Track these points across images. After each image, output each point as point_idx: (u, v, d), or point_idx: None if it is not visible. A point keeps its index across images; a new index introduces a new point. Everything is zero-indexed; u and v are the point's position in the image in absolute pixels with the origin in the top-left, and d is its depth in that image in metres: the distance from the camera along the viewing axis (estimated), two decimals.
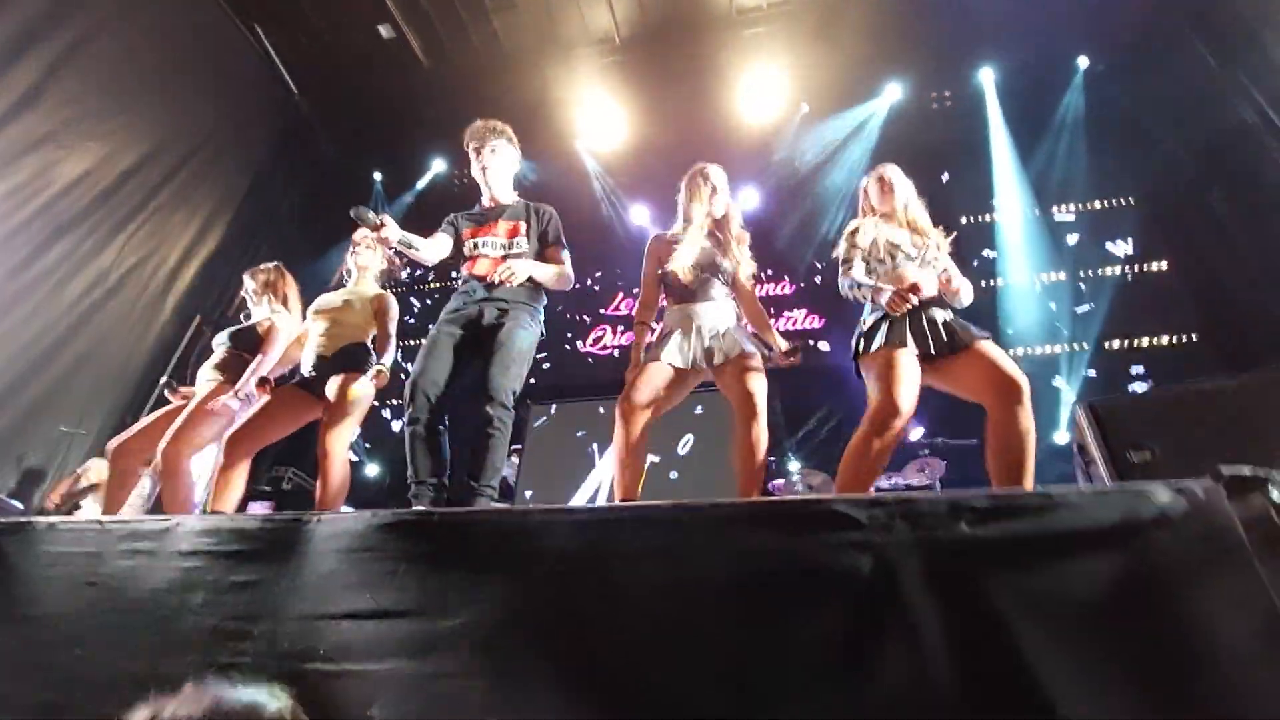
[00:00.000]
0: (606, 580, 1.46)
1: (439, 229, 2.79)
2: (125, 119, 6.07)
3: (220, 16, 6.88)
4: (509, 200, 2.84)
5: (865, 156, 7.43)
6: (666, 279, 2.67)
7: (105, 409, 5.94)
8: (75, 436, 5.49)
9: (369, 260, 3.26)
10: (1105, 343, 6.33)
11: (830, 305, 7.08)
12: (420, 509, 2.13)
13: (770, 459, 6.04)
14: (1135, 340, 6.30)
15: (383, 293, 3.16)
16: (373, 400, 2.90)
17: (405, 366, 2.47)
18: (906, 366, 2.22)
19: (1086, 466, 1.88)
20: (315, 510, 2.59)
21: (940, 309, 2.40)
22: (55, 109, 5.44)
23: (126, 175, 6.12)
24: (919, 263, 2.46)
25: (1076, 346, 6.39)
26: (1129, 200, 6.80)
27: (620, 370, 2.59)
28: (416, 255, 2.61)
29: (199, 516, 1.90)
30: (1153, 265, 6.52)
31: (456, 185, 8.65)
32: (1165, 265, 6.47)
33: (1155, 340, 6.26)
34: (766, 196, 7.92)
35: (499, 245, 2.69)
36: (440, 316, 2.59)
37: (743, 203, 7.72)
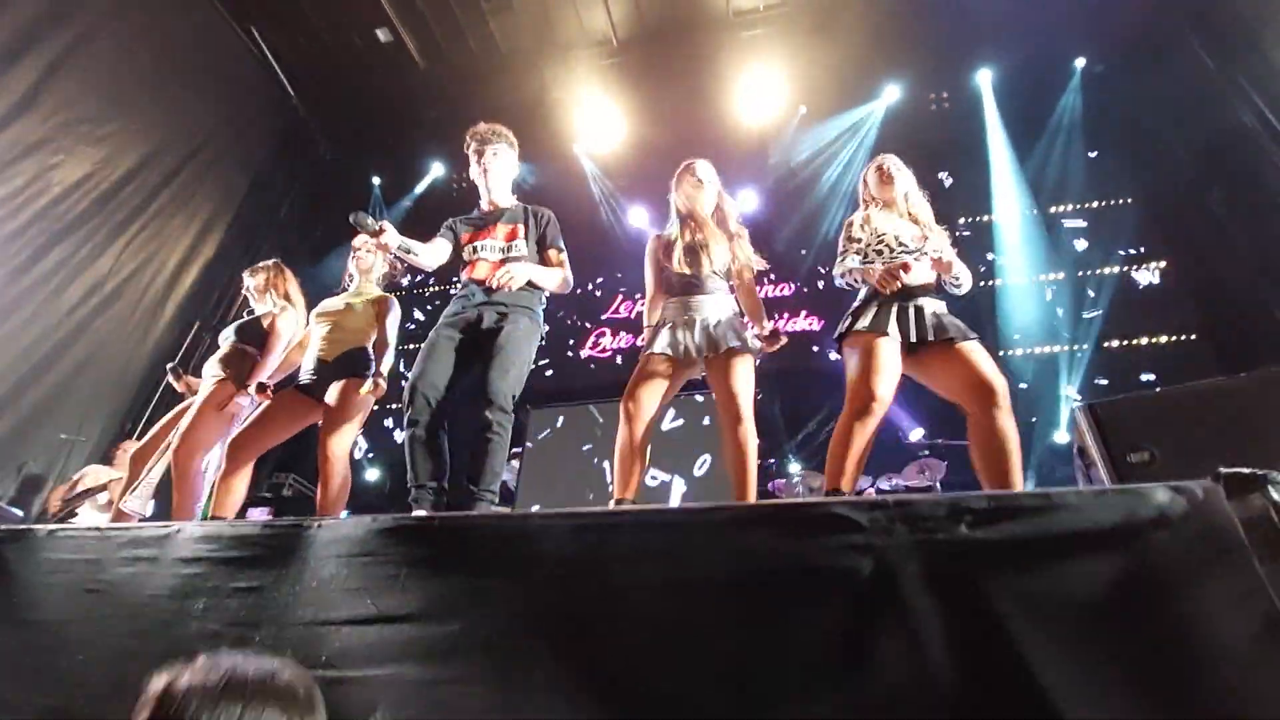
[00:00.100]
0: (607, 583, 1.46)
1: (438, 234, 2.79)
2: (122, 123, 6.07)
3: (218, 19, 6.88)
4: (507, 204, 2.84)
5: (863, 158, 7.44)
6: (665, 276, 2.69)
7: (104, 415, 5.93)
8: (75, 443, 5.48)
9: (370, 264, 3.27)
10: (1105, 342, 6.34)
11: (830, 308, 7.07)
12: (421, 514, 2.13)
13: (770, 460, 6.09)
14: (1135, 340, 6.31)
15: (385, 295, 3.16)
16: (373, 405, 2.91)
17: (405, 373, 2.46)
18: (886, 354, 2.23)
19: (1087, 468, 1.88)
20: (316, 515, 2.60)
21: (933, 300, 2.40)
22: (51, 113, 5.44)
23: (124, 179, 6.12)
24: (916, 255, 2.46)
25: (1076, 347, 6.39)
26: (1128, 200, 6.80)
27: (620, 374, 2.59)
28: (416, 261, 2.61)
29: (199, 523, 1.90)
30: (1152, 265, 6.53)
31: (455, 188, 8.65)
32: (1164, 264, 6.49)
33: (1154, 340, 6.27)
34: (765, 198, 7.92)
35: (498, 249, 2.69)
36: (440, 320, 2.59)
37: (741, 204, 7.71)
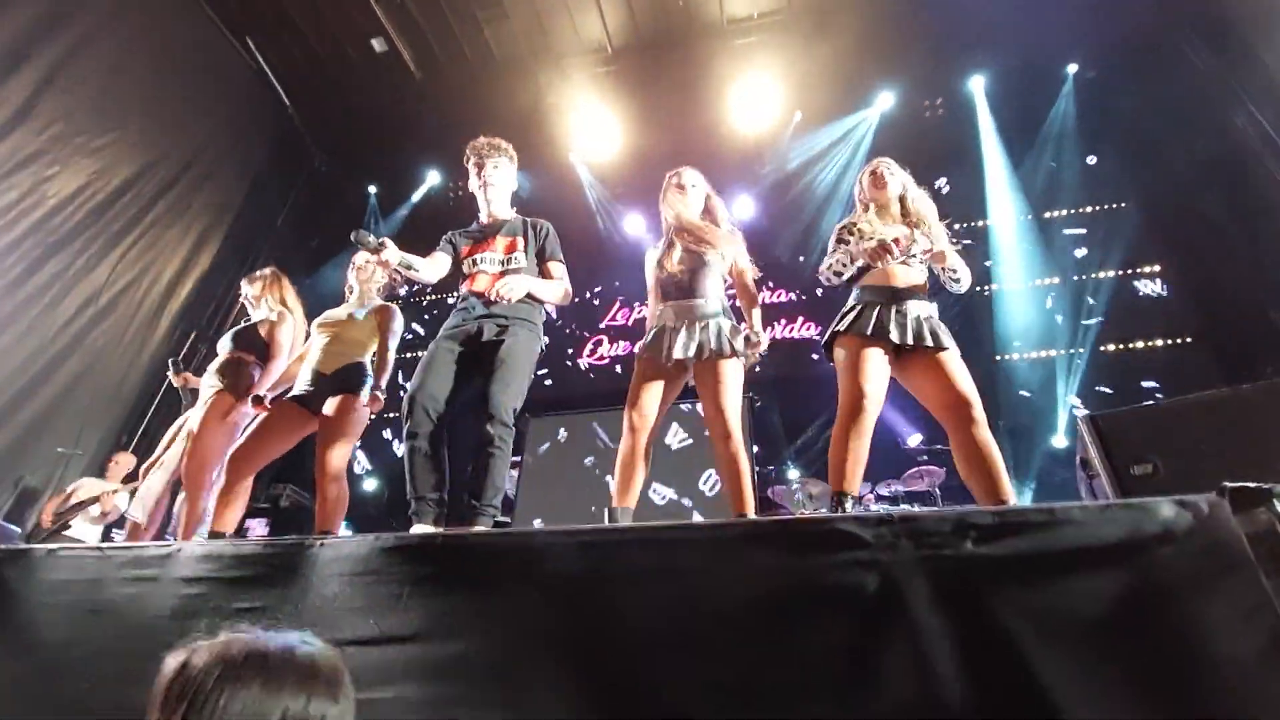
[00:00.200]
0: (611, 601, 1.45)
1: (437, 247, 2.78)
2: (117, 135, 6.05)
3: (213, 31, 6.88)
4: (507, 216, 2.84)
5: (859, 164, 7.46)
6: (661, 283, 2.70)
7: (102, 428, 5.90)
8: (72, 456, 5.45)
9: (371, 273, 3.26)
10: (1102, 347, 6.36)
11: (828, 314, 7.04)
12: (424, 531, 2.12)
13: (770, 467, 6.08)
14: (1131, 344, 6.33)
15: (387, 305, 3.15)
16: (369, 418, 2.91)
17: (402, 384, 2.46)
18: (872, 354, 2.27)
19: (1090, 480, 1.88)
20: (316, 531, 2.59)
21: (921, 303, 2.41)
22: (46, 125, 5.42)
23: (120, 191, 6.10)
24: (904, 258, 2.47)
25: (1073, 351, 6.41)
26: (1124, 205, 6.84)
27: (619, 381, 2.60)
28: (417, 276, 2.60)
29: (200, 543, 1.89)
30: (1147, 269, 6.56)
31: (451, 197, 8.66)
32: (1160, 269, 6.52)
33: (1151, 344, 6.29)
34: (762, 205, 7.93)
35: (497, 261, 2.69)
36: (439, 332, 2.58)
37: (738, 211, 7.74)
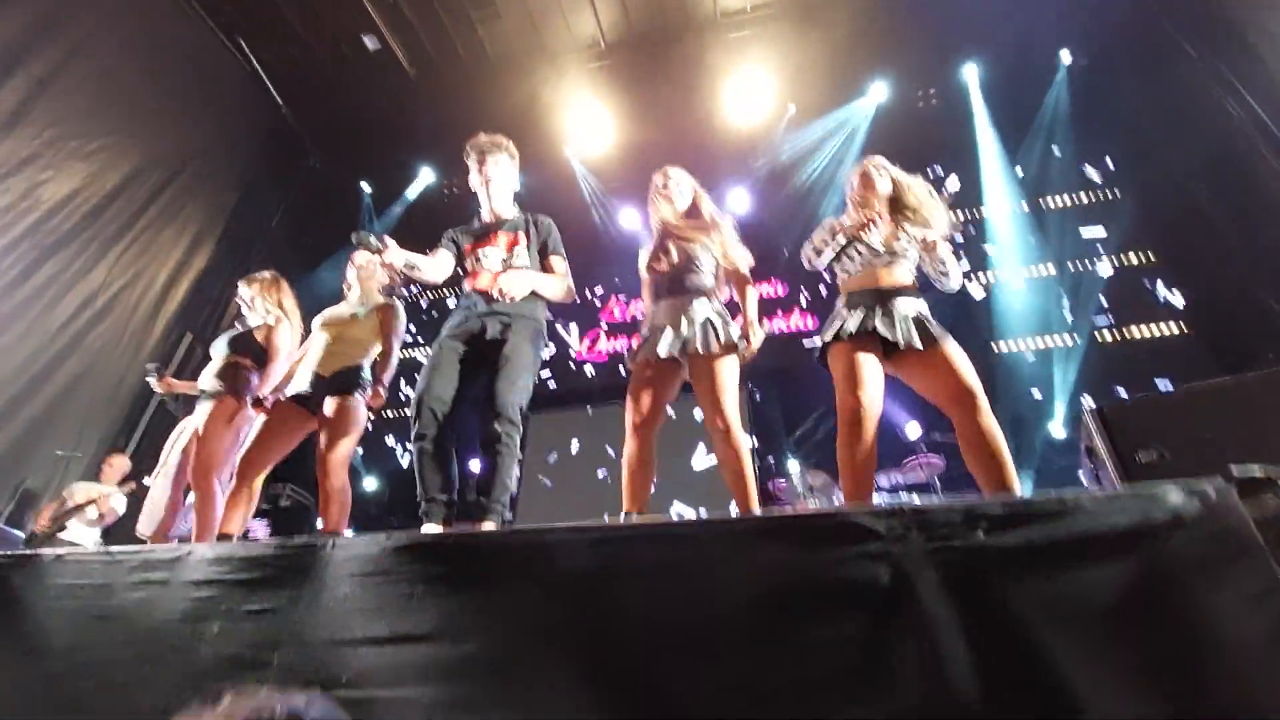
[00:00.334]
0: (624, 598, 1.46)
1: (439, 246, 2.78)
2: (111, 137, 6.02)
3: (205, 32, 6.83)
4: (509, 213, 2.84)
5: (854, 155, 7.46)
6: (653, 282, 2.71)
7: (100, 430, 5.88)
8: (71, 459, 5.43)
9: (371, 271, 3.25)
10: (1097, 335, 6.38)
11: (825, 306, 7.09)
12: (434, 530, 2.12)
13: (770, 459, 6.10)
14: (1126, 332, 6.36)
15: (389, 302, 3.15)
16: (369, 417, 2.92)
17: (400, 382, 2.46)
18: (864, 361, 2.26)
19: (1096, 469, 1.89)
20: (323, 531, 2.60)
21: (910, 301, 2.39)
22: (39, 129, 5.39)
23: (114, 193, 6.08)
24: (884, 258, 2.46)
25: (1068, 340, 6.44)
26: (1117, 193, 6.86)
27: (617, 376, 2.60)
28: (420, 275, 2.60)
29: (210, 545, 1.89)
30: (1142, 257, 6.59)
31: (446, 194, 8.62)
32: (1153, 257, 6.54)
33: (1146, 331, 6.32)
34: (756, 198, 7.93)
35: (499, 258, 2.69)
36: (443, 331, 2.58)
37: (733, 204, 7.74)
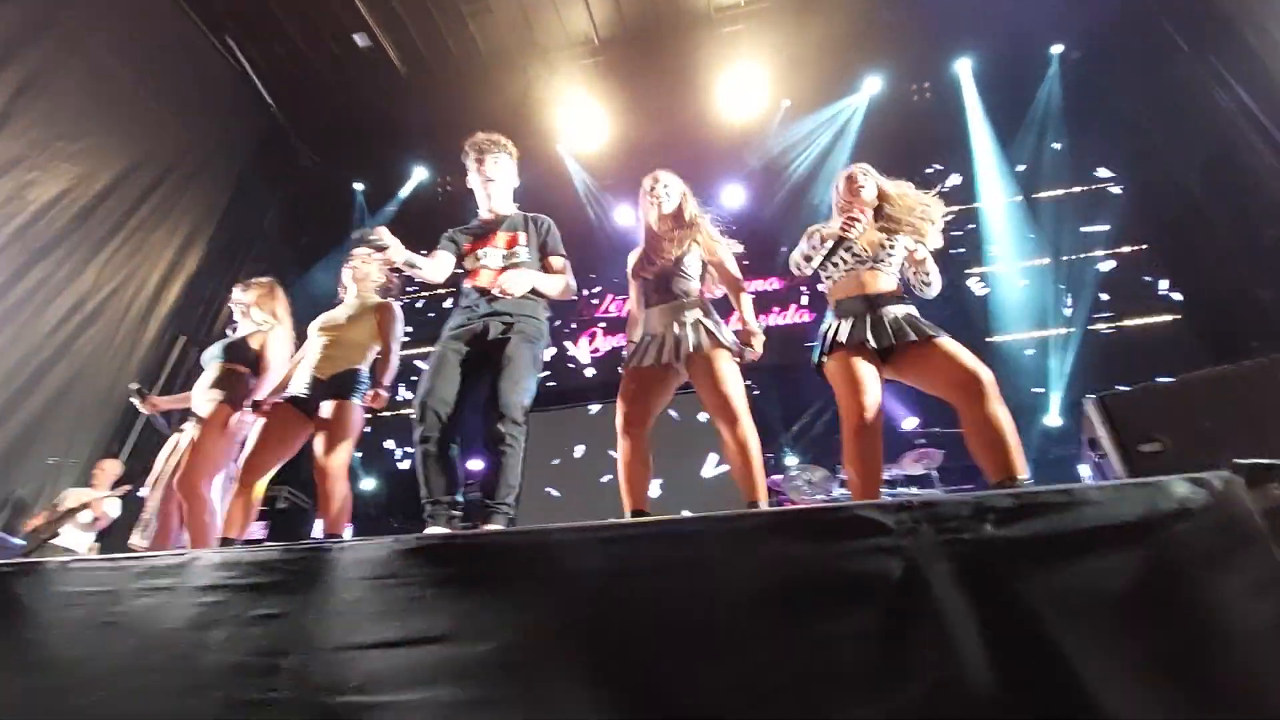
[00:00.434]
0: (635, 596, 1.46)
1: (438, 246, 2.76)
2: (99, 138, 5.95)
3: (192, 30, 6.76)
4: (508, 212, 2.83)
5: (849, 149, 7.47)
6: (642, 288, 2.71)
7: (93, 436, 5.82)
8: (64, 466, 5.38)
9: (367, 271, 3.23)
10: (1091, 326, 6.43)
11: (819, 300, 7.09)
12: (441, 532, 2.12)
13: (768, 455, 6.09)
14: (1120, 322, 6.41)
15: (386, 303, 3.13)
16: (366, 419, 2.91)
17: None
18: (860, 367, 2.28)
19: (1099, 460, 1.91)
20: (325, 535, 2.59)
21: (897, 306, 2.40)
22: (25, 130, 5.31)
23: (103, 194, 6.00)
24: (868, 264, 2.46)
25: (1063, 331, 6.48)
26: (1110, 185, 6.91)
27: (613, 373, 2.60)
28: (421, 275, 2.59)
29: (216, 550, 1.88)
30: (1135, 248, 6.64)
31: (440, 192, 8.58)
32: (1146, 248, 6.59)
33: (1139, 321, 6.37)
34: (752, 193, 7.94)
35: (499, 256, 2.68)
36: (444, 332, 2.57)
37: (728, 199, 7.75)
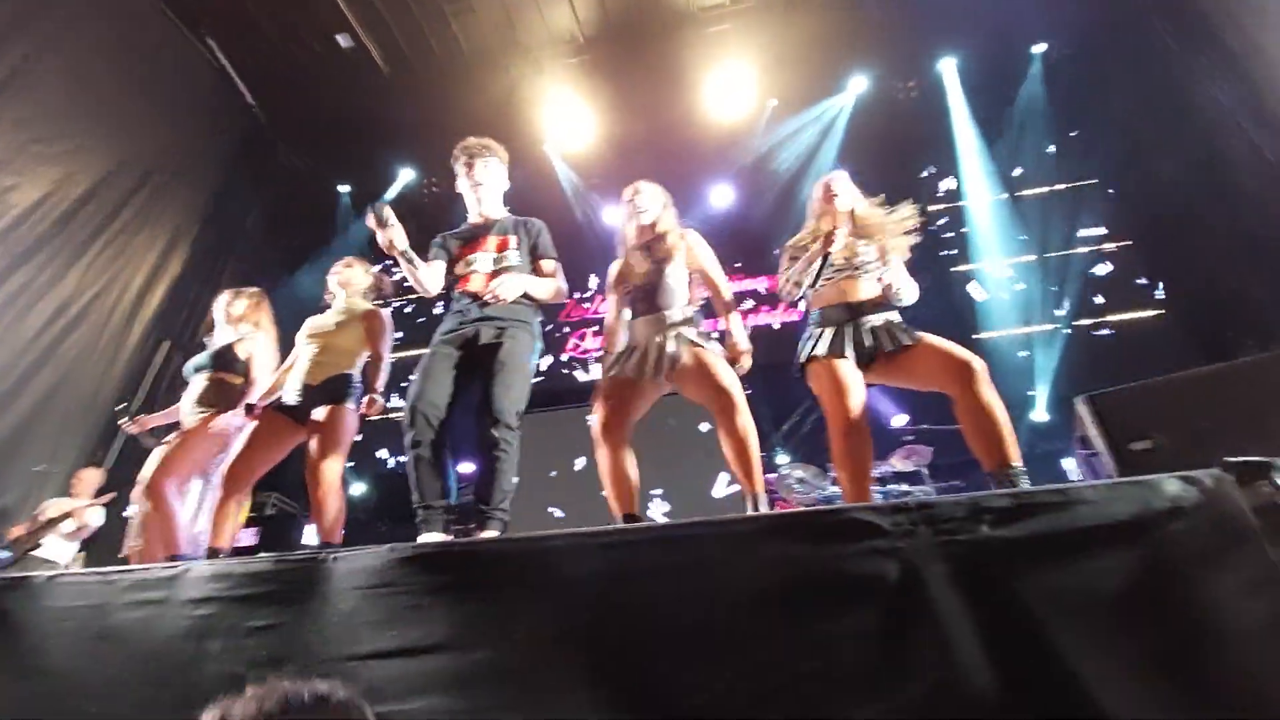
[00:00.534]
0: (633, 601, 1.46)
1: (429, 255, 2.74)
2: (79, 141, 5.83)
3: (172, 31, 6.66)
4: (498, 216, 2.82)
5: (835, 148, 7.50)
6: (626, 298, 2.71)
7: (77, 444, 5.71)
8: (49, 474, 5.29)
9: (352, 277, 3.20)
10: (1076, 322, 6.50)
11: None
12: (438, 539, 2.11)
13: (760, 454, 6.11)
14: (1106, 318, 6.48)
15: (374, 309, 3.09)
16: (358, 426, 2.87)
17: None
18: (843, 372, 2.31)
19: (1090, 458, 1.93)
20: (320, 541, 2.56)
21: (878, 314, 2.44)
22: (4, 134, 5.21)
23: (84, 198, 5.88)
24: (846, 272, 2.51)
25: (1048, 327, 6.55)
26: (1095, 182, 6.98)
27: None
28: (414, 275, 2.57)
29: (208, 562, 1.86)
30: (1119, 244, 6.72)
31: (426, 194, 8.52)
32: (1131, 244, 6.67)
33: (1124, 318, 6.45)
34: (739, 192, 7.96)
35: (490, 261, 2.66)
36: (435, 336, 2.55)
37: (716, 200, 7.76)
